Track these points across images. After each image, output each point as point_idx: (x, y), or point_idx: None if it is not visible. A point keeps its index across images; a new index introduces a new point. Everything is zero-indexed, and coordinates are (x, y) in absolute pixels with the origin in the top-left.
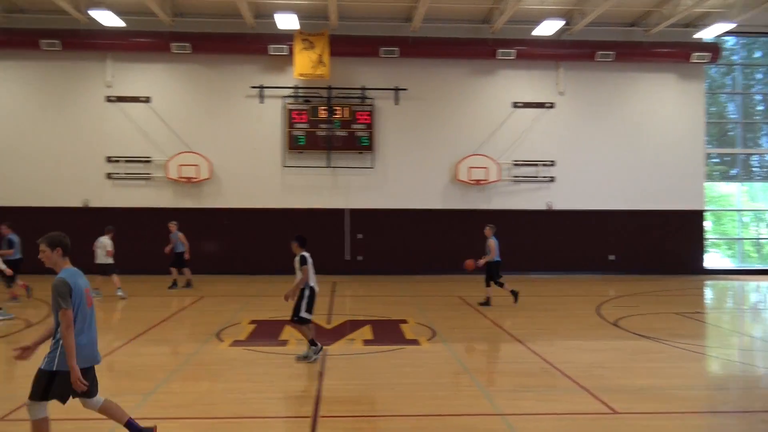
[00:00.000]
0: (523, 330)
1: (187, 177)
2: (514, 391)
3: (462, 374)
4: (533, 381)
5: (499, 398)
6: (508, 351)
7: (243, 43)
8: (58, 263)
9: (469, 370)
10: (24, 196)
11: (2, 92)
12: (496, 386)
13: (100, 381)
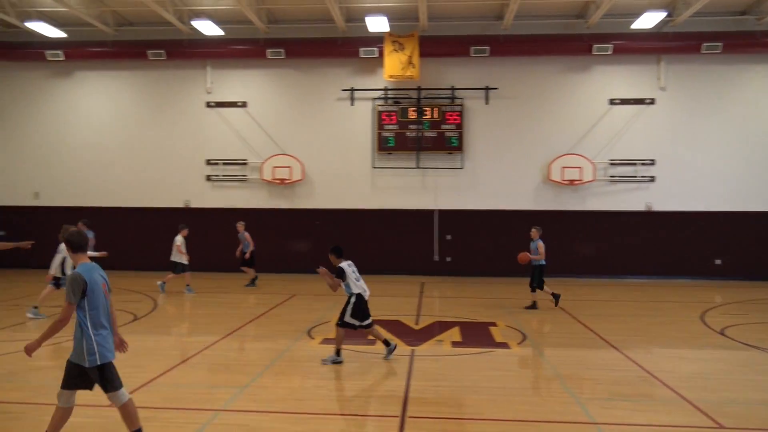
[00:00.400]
0: (619, 336)
1: (280, 178)
2: (608, 399)
3: (553, 380)
4: (629, 389)
5: (592, 406)
6: (603, 357)
7: (334, 47)
8: (73, 259)
9: (561, 375)
10: (132, 197)
11: (113, 100)
12: (589, 393)
13: (200, 373)
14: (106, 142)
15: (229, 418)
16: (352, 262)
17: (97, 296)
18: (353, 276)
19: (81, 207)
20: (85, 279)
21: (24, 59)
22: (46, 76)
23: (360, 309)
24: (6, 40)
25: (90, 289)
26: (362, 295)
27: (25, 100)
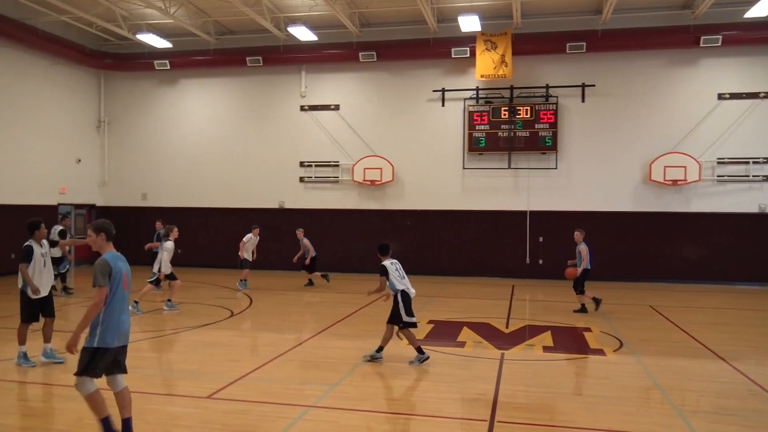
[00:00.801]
0: (727, 346)
1: (371, 180)
2: (714, 413)
3: (653, 390)
4: (738, 404)
5: (696, 420)
6: (708, 368)
7: (426, 48)
8: (102, 247)
9: (662, 386)
10: (229, 198)
11: (213, 106)
12: (692, 406)
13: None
14: (206, 145)
15: (319, 415)
16: (397, 261)
17: (118, 284)
18: (396, 274)
19: (183, 208)
20: (111, 265)
21: (134, 69)
22: (154, 85)
23: (410, 305)
24: (119, 52)
25: (113, 276)
26: (406, 292)
27: (135, 108)
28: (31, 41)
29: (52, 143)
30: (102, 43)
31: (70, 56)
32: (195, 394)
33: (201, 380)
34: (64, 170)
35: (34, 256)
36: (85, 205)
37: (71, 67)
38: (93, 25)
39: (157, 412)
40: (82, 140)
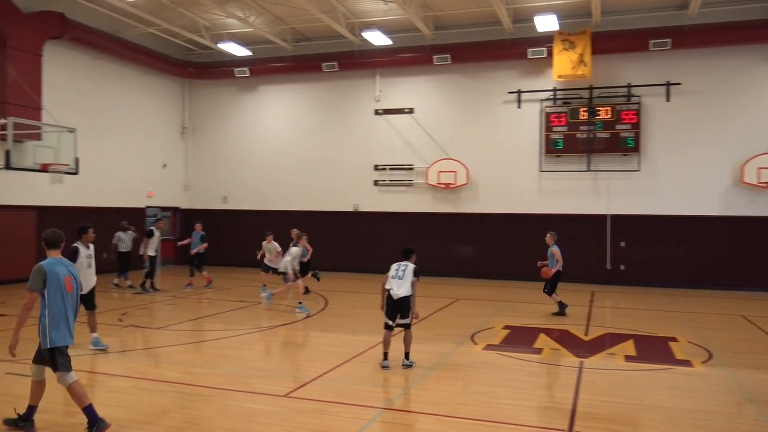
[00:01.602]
0: None
1: (445, 183)
2: None
3: (746, 405)
4: None
5: None
6: None
7: (501, 49)
8: (48, 254)
9: (757, 401)
10: (305, 201)
11: (290, 111)
12: None
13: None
14: (284, 150)
15: (392, 417)
16: (402, 263)
17: (55, 288)
18: (392, 273)
19: (261, 210)
20: (45, 270)
21: (216, 77)
22: (234, 92)
23: (390, 306)
24: (201, 61)
25: (49, 280)
26: (390, 293)
27: (216, 114)
28: (121, 53)
29: (140, 149)
30: (186, 52)
31: (157, 66)
32: (272, 392)
33: (278, 379)
34: (151, 174)
35: (80, 257)
36: (170, 208)
37: (158, 76)
38: (178, 36)
39: (237, 408)
40: (168, 146)
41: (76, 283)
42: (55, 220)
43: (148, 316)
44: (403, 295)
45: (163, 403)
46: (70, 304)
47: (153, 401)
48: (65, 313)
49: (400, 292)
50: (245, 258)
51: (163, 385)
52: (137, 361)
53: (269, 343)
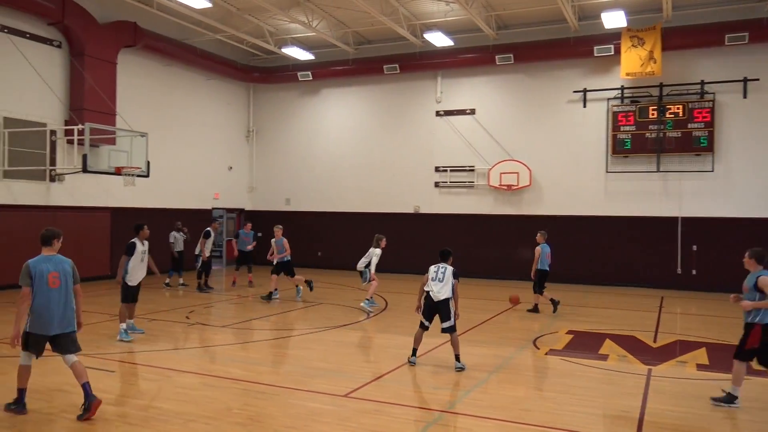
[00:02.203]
0: None
1: (507, 184)
2: None
3: None
4: None
5: None
6: None
7: (566, 47)
8: (43, 251)
9: None
10: (366, 202)
11: (352, 114)
12: None
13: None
14: (345, 152)
15: (452, 420)
16: (442, 266)
17: (40, 283)
18: (432, 275)
19: (323, 212)
20: (30, 268)
21: (279, 81)
22: (297, 96)
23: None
24: (266, 66)
25: (35, 276)
26: (430, 293)
27: (279, 118)
28: (190, 59)
29: (207, 152)
30: (251, 58)
31: (223, 71)
32: (332, 392)
33: (338, 379)
34: (217, 177)
35: (136, 251)
36: (236, 210)
37: (224, 81)
38: (243, 42)
39: (298, 407)
40: (233, 149)
41: (63, 278)
42: (128, 221)
43: (213, 314)
44: (443, 297)
45: (227, 400)
46: (55, 297)
47: (218, 397)
48: (47, 305)
49: (440, 294)
50: (307, 259)
51: (227, 382)
52: (203, 358)
53: (330, 343)
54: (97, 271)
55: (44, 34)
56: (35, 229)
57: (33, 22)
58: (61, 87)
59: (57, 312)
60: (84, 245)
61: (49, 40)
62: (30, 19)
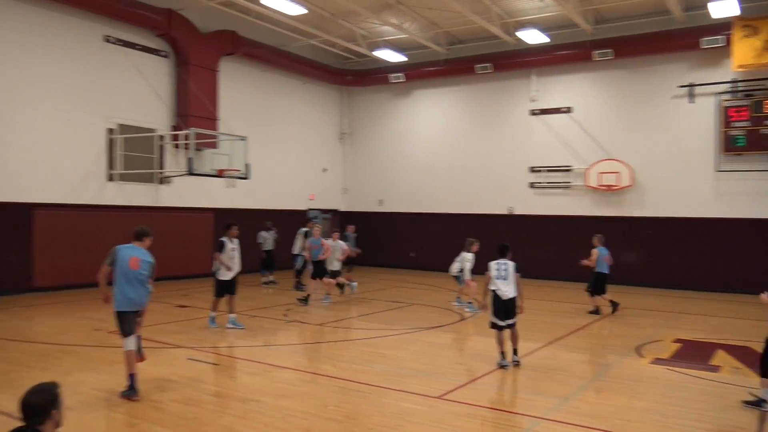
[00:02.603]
0: None
1: (606, 185)
2: None
3: None
4: None
5: None
6: None
7: (670, 40)
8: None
9: None
10: (458, 204)
11: (443, 115)
12: None
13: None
14: (437, 153)
15: (549, 428)
16: (504, 262)
17: (120, 264)
18: (495, 273)
19: (415, 213)
20: (115, 250)
21: (371, 84)
22: (389, 97)
23: (499, 307)
24: (358, 69)
25: (117, 259)
26: (497, 293)
27: (372, 120)
28: (286, 65)
29: (303, 154)
30: (344, 61)
31: (317, 75)
32: (426, 393)
33: (431, 380)
34: (312, 179)
35: (226, 249)
36: (330, 210)
37: (318, 85)
38: (336, 46)
39: (392, 406)
40: (327, 151)
41: (141, 264)
42: (229, 221)
43: (310, 312)
44: (512, 296)
45: (324, 396)
46: (132, 278)
47: (314, 394)
48: (125, 285)
49: (508, 293)
50: (399, 260)
51: (323, 379)
52: (301, 355)
53: (423, 344)
54: (200, 268)
55: (153, 45)
56: None
57: (143, 35)
58: (168, 94)
59: (130, 292)
60: (189, 244)
61: (158, 51)
62: (140, 32)
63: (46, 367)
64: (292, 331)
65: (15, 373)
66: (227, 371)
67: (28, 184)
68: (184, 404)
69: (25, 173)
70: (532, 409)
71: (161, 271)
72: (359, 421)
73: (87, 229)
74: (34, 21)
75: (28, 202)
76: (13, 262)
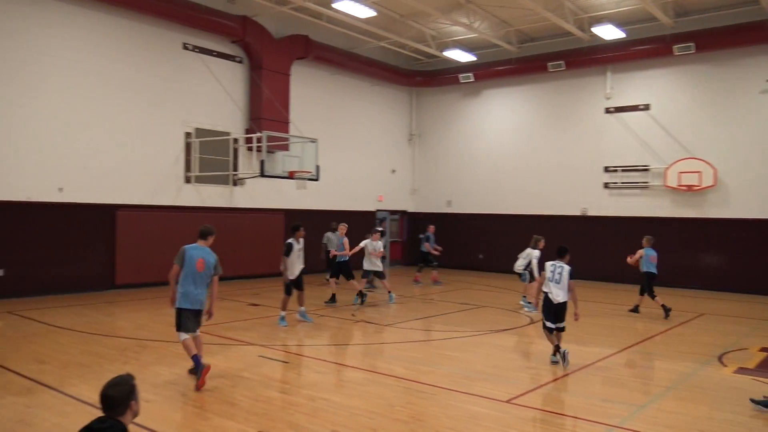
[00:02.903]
0: None
1: (687, 185)
2: None
3: None
4: None
5: None
6: None
7: (759, 32)
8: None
9: None
10: (528, 205)
11: (514, 114)
12: None
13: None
14: (507, 153)
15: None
16: (558, 264)
17: (188, 265)
18: (550, 276)
19: (484, 214)
20: (184, 251)
21: (441, 84)
22: (458, 98)
23: (549, 309)
24: (427, 70)
25: (186, 260)
26: (548, 295)
27: (441, 120)
28: (356, 67)
29: (372, 156)
30: (413, 62)
31: (387, 77)
32: (494, 396)
33: (499, 384)
34: (381, 180)
35: (293, 250)
36: (398, 212)
37: (388, 87)
38: (405, 47)
39: (459, 409)
40: (396, 152)
41: (206, 265)
42: (300, 222)
43: (377, 312)
44: (562, 300)
45: (390, 397)
46: (198, 279)
47: (381, 394)
48: (190, 285)
49: (558, 298)
50: (468, 261)
51: (390, 380)
52: (368, 355)
53: (491, 346)
54: (271, 268)
55: (228, 51)
56: (220, 229)
57: (218, 42)
58: (242, 99)
59: (194, 292)
60: (260, 244)
61: (232, 57)
62: (216, 39)
63: (126, 361)
64: (359, 331)
65: (98, 365)
66: (296, 369)
67: (112, 186)
68: (254, 400)
69: (109, 176)
70: (606, 417)
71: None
72: (426, 422)
73: (165, 229)
74: (118, 32)
75: (112, 203)
76: (98, 261)
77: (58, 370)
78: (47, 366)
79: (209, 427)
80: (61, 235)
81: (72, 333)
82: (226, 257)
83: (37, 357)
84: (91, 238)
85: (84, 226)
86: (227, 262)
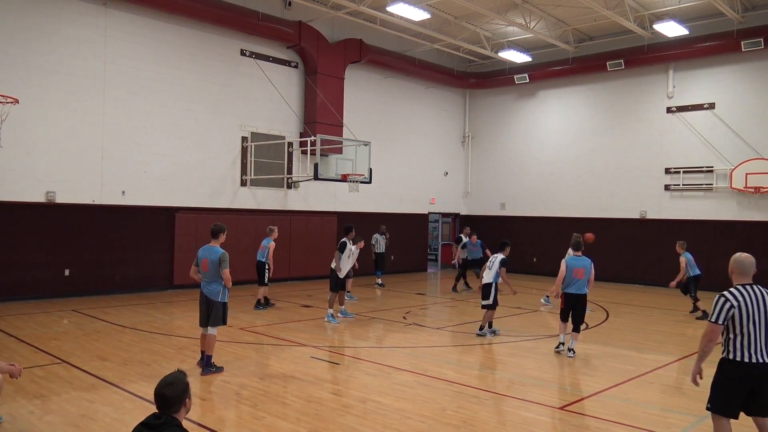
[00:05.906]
0: None
1: (755, 186)
2: None
3: None
4: None
5: None
6: None
7: None
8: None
9: None
10: (585, 207)
11: (571, 114)
12: None
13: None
14: (563, 154)
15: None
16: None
17: (199, 266)
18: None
19: (538, 217)
20: (199, 252)
21: (495, 86)
22: (513, 99)
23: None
24: (481, 71)
25: (198, 260)
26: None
27: (494, 122)
28: (409, 70)
29: (424, 158)
30: (467, 64)
31: (441, 80)
32: (548, 402)
33: (554, 390)
34: (434, 182)
35: (347, 248)
36: (451, 214)
37: (441, 89)
38: (460, 49)
39: (511, 414)
40: (449, 155)
41: (210, 264)
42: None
43: (429, 315)
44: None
45: (442, 400)
46: (206, 277)
47: (432, 397)
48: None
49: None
50: (521, 265)
51: (441, 383)
52: (419, 358)
53: (546, 352)
54: (324, 270)
55: (284, 56)
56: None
57: (275, 47)
58: (296, 103)
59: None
60: (313, 246)
61: (288, 62)
62: (272, 45)
63: (183, 359)
64: (410, 334)
65: (157, 363)
66: (348, 371)
67: (171, 190)
68: (307, 401)
69: (168, 180)
70: (665, 427)
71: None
72: (477, 427)
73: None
74: (178, 40)
75: (171, 206)
76: (157, 261)
77: (119, 367)
78: (109, 363)
79: (263, 426)
80: (123, 236)
81: (132, 331)
82: (280, 259)
83: (100, 354)
84: (151, 239)
85: (145, 228)
86: (281, 263)
